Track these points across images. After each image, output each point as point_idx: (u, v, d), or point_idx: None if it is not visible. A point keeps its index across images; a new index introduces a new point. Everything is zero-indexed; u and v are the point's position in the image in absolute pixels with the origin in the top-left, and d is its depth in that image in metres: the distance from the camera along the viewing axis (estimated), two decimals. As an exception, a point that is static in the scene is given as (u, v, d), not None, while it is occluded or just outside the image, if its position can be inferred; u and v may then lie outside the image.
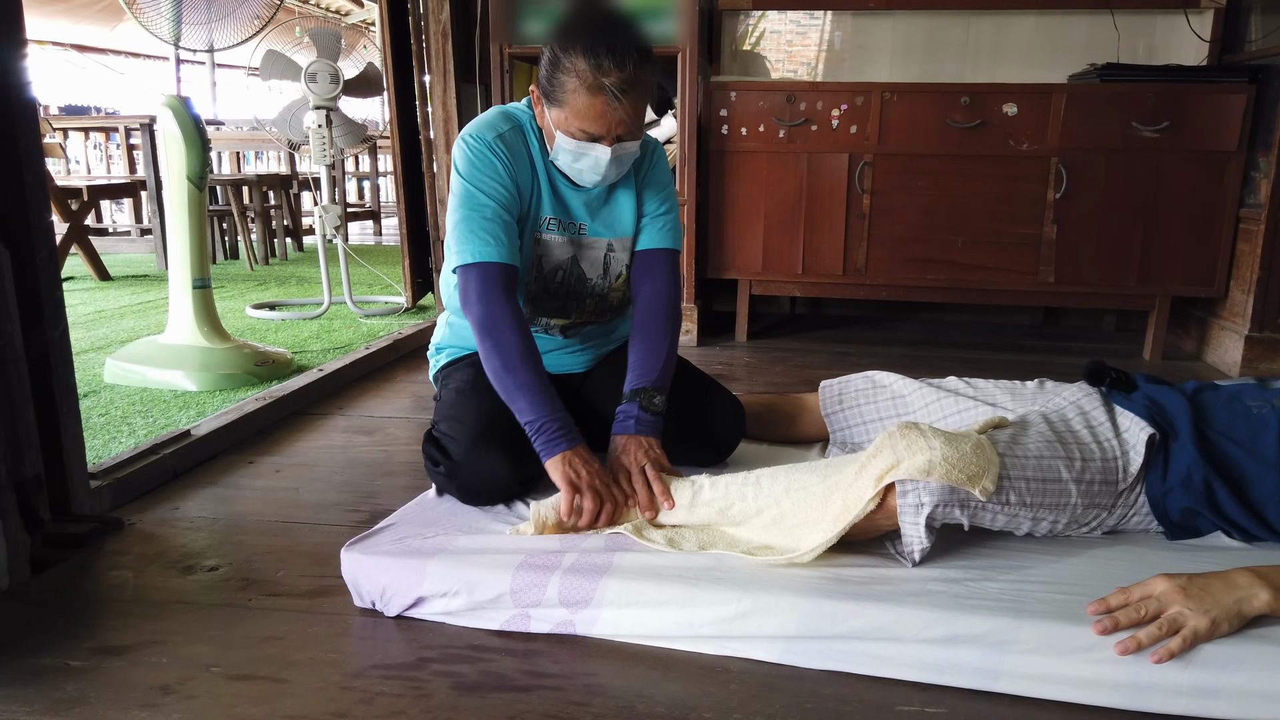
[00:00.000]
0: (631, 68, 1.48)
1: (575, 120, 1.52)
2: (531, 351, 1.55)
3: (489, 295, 1.55)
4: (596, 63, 1.46)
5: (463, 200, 1.59)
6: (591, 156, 1.56)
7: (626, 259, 1.76)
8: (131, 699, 1.16)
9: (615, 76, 1.47)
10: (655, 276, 1.73)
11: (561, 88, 1.50)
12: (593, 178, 1.60)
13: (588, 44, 1.47)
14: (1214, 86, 2.94)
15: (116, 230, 6.75)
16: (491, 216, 1.58)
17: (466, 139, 1.62)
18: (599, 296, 1.77)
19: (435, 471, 1.63)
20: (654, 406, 1.60)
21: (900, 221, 3.17)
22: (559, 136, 1.56)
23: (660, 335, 1.67)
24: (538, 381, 1.53)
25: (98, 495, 1.73)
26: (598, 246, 1.72)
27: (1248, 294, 2.90)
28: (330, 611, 1.38)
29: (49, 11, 7.73)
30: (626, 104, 1.50)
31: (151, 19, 2.68)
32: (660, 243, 1.74)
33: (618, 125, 1.52)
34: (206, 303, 2.77)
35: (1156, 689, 1.11)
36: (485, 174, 1.59)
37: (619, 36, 1.48)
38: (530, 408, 1.52)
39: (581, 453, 1.51)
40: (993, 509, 1.30)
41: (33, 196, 1.57)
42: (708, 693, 1.18)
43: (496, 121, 1.64)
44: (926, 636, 1.19)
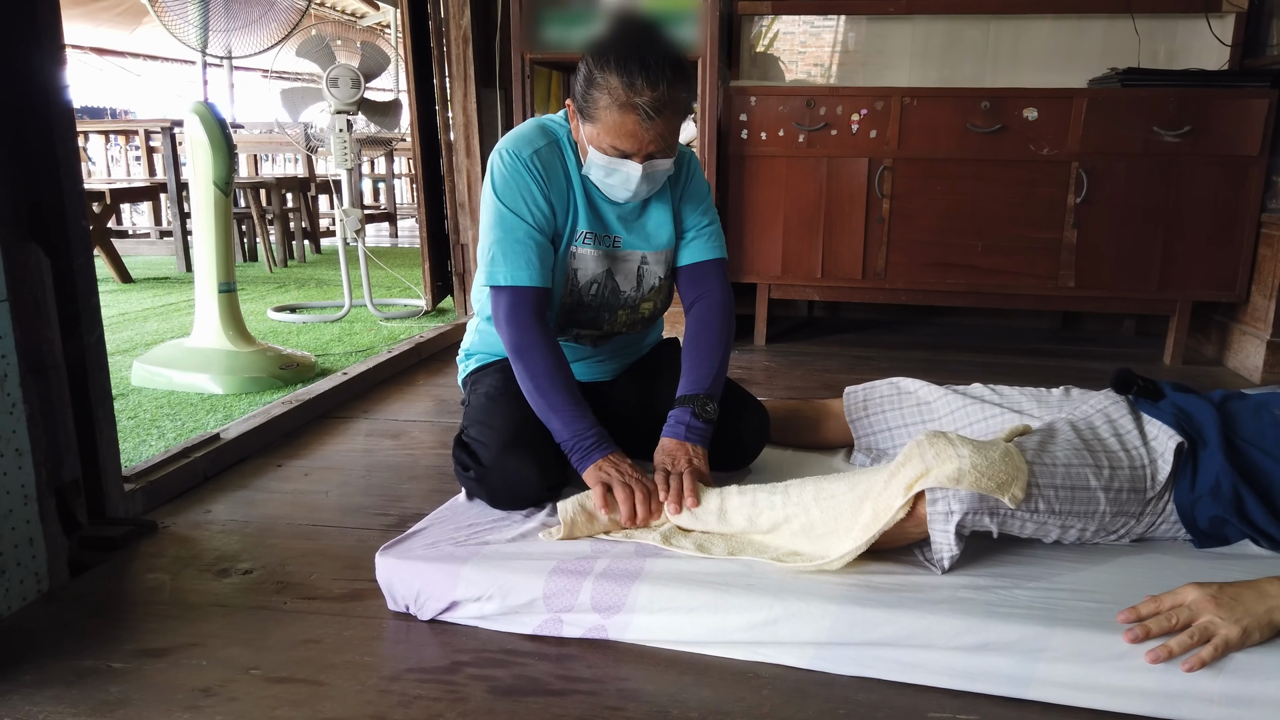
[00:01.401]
0: (665, 86, 1.46)
1: (607, 137, 1.51)
2: (562, 371, 1.58)
3: (519, 320, 1.58)
4: (629, 80, 1.45)
5: (496, 219, 1.61)
6: (623, 173, 1.55)
7: (661, 272, 1.75)
8: (174, 700, 1.18)
9: (648, 95, 1.46)
10: (709, 286, 1.74)
11: (594, 104, 1.50)
12: (624, 194, 1.59)
13: (621, 60, 1.46)
14: (1236, 91, 2.93)
15: (136, 232, 6.80)
16: (523, 238, 1.59)
17: (503, 154, 1.62)
18: (631, 308, 1.77)
19: (465, 476, 1.65)
20: (706, 414, 1.61)
21: (920, 226, 3.17)
22: (591, 151, 1.56)
23: (715, 342, 1.69)
24: (569, 401, 1.55)
25: (131, 499, 1.75)
26: (632, 259, 1.72)
27: (1269, 299, 2.89)
28: (364, 615, 1.40)
29: (69, 15, 7.78)
30: (659, 123, 1.49)
31: (179, 26, 2.70)
32: (710, 254, 1.75)
33: (649, 144, 1.51)
34: (232, 306, 2.80)
35: (1187, 697, 1.12)
36: (519, 194, 1.59)
37: (653, 53, 1.47)
38: (564, 427, 1.55)
39: (613, 458, 1.52)
40: (1022, 516, 1.31)
41: (70, 204, 1.59)
42: (740, 698, 1.19)
43: (533, 136, 1.63)
44: (958, 644, 1.20)
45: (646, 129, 1.49)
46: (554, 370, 1.57)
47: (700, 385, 1.65)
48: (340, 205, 3.85)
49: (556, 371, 1.57)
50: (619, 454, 1.54)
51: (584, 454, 1.53)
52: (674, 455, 1.57)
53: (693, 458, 1.56)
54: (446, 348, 3.34)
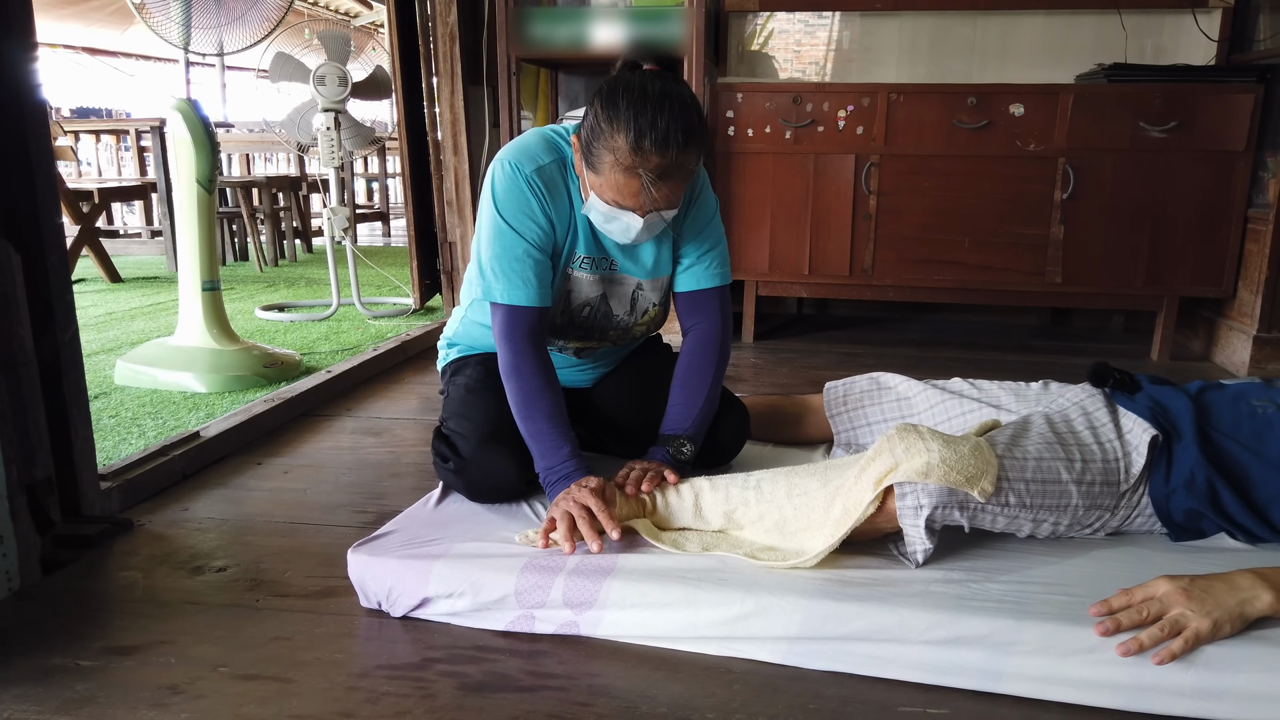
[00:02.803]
0: (674, 152, 1.39)
1: (609, 191, 1.45)
2: (550, 394, 1.55)
3: (514, 342, 1.56)
4: (637, 144, 1.38)
5: (495, 234, 1.56)
6: (622, 222, 1.49)
7: (655, 298, 1.72)
8: (140, 699, 1.17)
9: (655, 161, 1.39)
10: (705, 316, 1.70)
11: (598, 158, 1.43)
12: (623, 239, 1.53)
13: (630, 121, 1.38)
14: (1222, 86, 2.93)
15: (127, 232, 6.79)
16: (522, 255, 1.55)
17: (505, 165, 1.56)
18: (623, 330, 1.75)
19: (444, 468, 1.64)
20: (681, 455, 1.59)
21: (907, 222, 3.17)
22: (593, 195, 1.50)
23: (703, 380, 1.66)
24: (553, 429, 1.53)
25: (108, 496, 1.74)
26: (627, 284, 1.69)
27: (1256, 294, 2.89)
28: (337, 612, 1.39)
29: (61, 15, 7.78)
30: (664, 188, 1.43)
31: (161, 23, 2.69)
32: (708, 282, 1.69)
33: (650, 204, 1.45)
34: (216, 305, 2.79)
35: (1159, 690, 1.12)
36: (519, 210, 1.55)
37: (665, 115, 1.38)
38: (542, 457, 1.53)
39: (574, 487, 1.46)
40: (992, 510, 1.30)
41: (43, 200, 1.58)
42: (711, 693, 1.19)
43: (538, 152, 1.57)
44: (929, 638, 1.19)
45: (649, 192, 1.43)
46: (542, 395, 1.54)
47: (681, 426, 1.63)
48: (328, 204, 3.84)
49: (544, 396, 1.54)
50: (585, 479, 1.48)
51: (553, 484, 1.50)
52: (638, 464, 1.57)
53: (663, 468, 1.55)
54: (433, 346, 3.32)
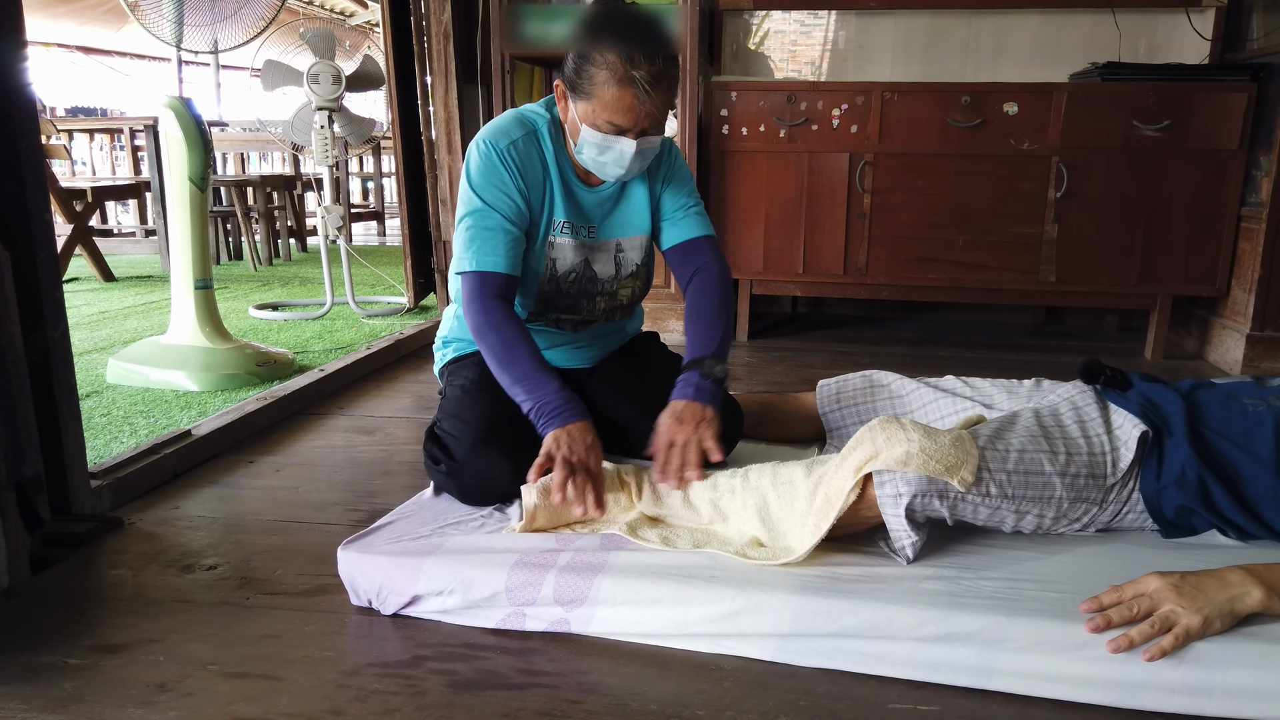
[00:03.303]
0: (661, 62, 1.50)
1: (603, 112, 1.52)
2: (524, 343, 1.57)
3: (483, 302, 1.58)
4: (628, 55, 1.47)
5: (469, 209, 1.62)
6: (616, 149, 1.56)
7: (637, 258, 1.78)
8: (128, 697, 1.17)
9: (645, 69, 1.48)
10: (704, 260, 1.75)
11: (591, 80, 1.51)
12: (616, 170, 1.60)
13: (618, 37, 1.49)
14: (1215, 85, 2.93)
15: (121, 231, 6.77)
16: (494, 226, 1.60)
17: (479, 144, 1.63)
18: (609, 295, 1.78)
19: (435, 470, 1.64)
20: (715, 374, 1.60)
21: (901, 221, 3.17)
22: (584, 130, 1.56)
23: (716, 309, 1.69)
24: (532, 369, 1.54)
25: (98, 495, 1.74)
26: (608, 247, 1.75)
27: (1249, 293, 2.89)
28: (327, 610, 1.39)
29: (55, 14, 7.75)
30: (656, 97, 1.51)
31: (153, 21, 2.68)
32: (699, 230, 1.77)
33: (645, 118, 1.53)
34: (208, 303, 2.78)
35: (1149, 687, 1.12)
36: (493, 184, 1.61)
37: (649, 31, 1.51)
38: (528, 395, 1.53)
39: (573, 429, 1.49)
40: (973, 501, 1.30)
41: (33, 197, 1.58)
42: (701, 690, 1.18)
43: (510, 128, 1.65)
44: (920, 634, 1.19)
45: (644, 103, 1.51)
46: (515, 343, 1.56)
47: (706, 349, 1.64)
48: (322, 203, 3.84)
49: (517, 344, 1.56)
50: (581, 425, 1.50)
51: (546, 419, 1.50)
52: (682, 418, 1.53)
53: (702, 421, 1.53)
54: (427, 344, 3.32)
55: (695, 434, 1.51)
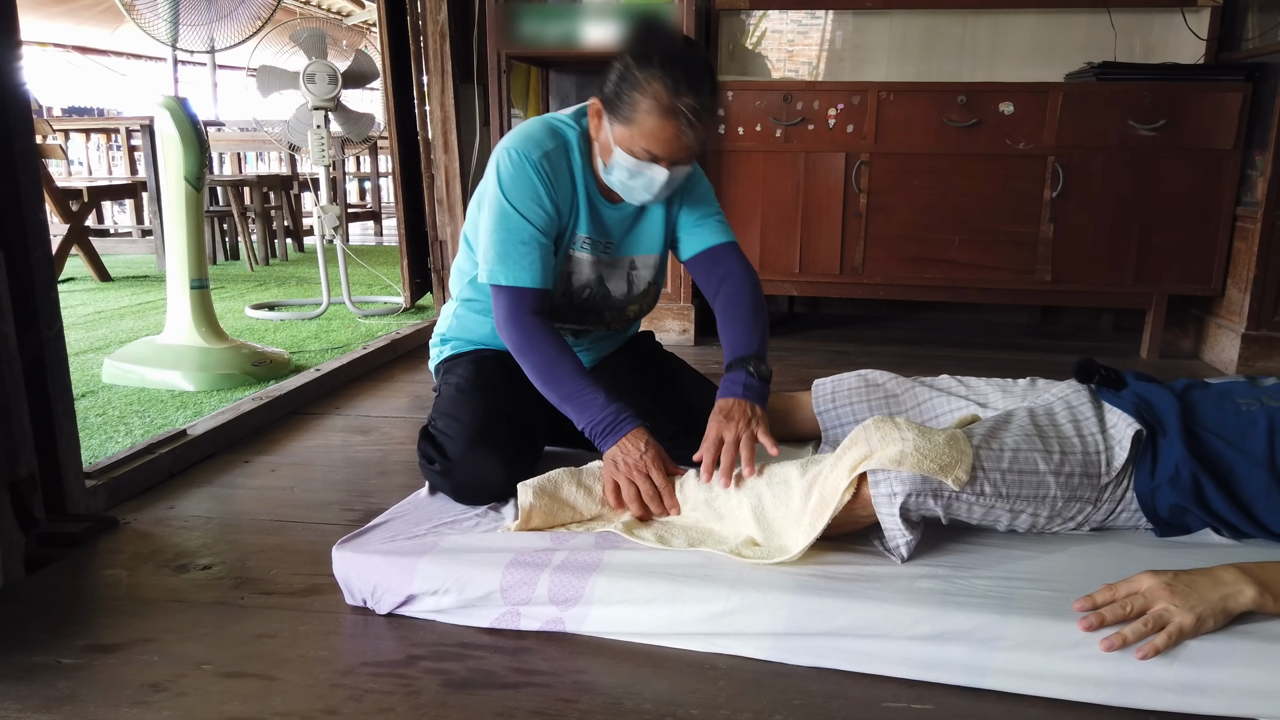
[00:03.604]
0: (707, 95, 1.47)
1: (642, 139, 1.49)
2: (567, 358, 1.56)
3: (519, 320, 1.57)
4: (674, 85, 1.44)
5: (501, 219, 1.58)
6: (648, 176, 1.53)
7: (649, 276, 1.77)
8: (122, 696, 1.17)
9: (691, 101, 1.44)
10: (731, 266, 1.72)
11: (633, 106, 1.47)
12: (644, 196, 1.58)
13: (665, 64, 1.44)
14: (1210, 85, 2.94)
15: (118, 231, 6.76)
16: (528, 239, 1.57)
17: (511, 153, 1.58)
18: (618, 310, 1.78)
19: (430, 469, 1.64)
20: (760, 372, 1.59)
21: (897, 221, 3.17)
22: (618, 152, 1.53)
23: (750, 312, 1.68)
24: (580, 386, 1.54)
25: (93, 495, 1.74)
26: (622, 264, 1.74)
27: (1244, 292, 2.90)
28: (322, 609, 1.39)
29: (51, 14, 7.75)
30: (698, 130, 1.48)
31: (149, 21, 2.68)
32: (720, 238, 1.74)
33: (683, 150, 1.50)
34: (204, 303, 2.78)
35: (1142, 685, 1.12)
36: (525, 195, 1.57)
37: (695, 61, 1.46)
38: (579, 415, 1.54)
39: (626, 443, 1.50)
40: (968, 499, 1.30)
41: (27, 197, 1.58)
42: (695, 689, 1.19)
43: (542, 138, 1.60)
44: (914, 633, 1.19)
45: (684, 135, 1.47)
46: (559, 361, 1.56)
47: (749, 348, 1.63)
48: (318, 202, 3.83)
49: (562, 361, 1.56)
50: (637, 432, 1.51)
51: (602, 435, 1.52)
52: (731, 415, 1.52)
53: (753, 420, 1.52)
54: (423, 344, 3.32)
55: (747, 430, 1.50)
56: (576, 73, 3.69)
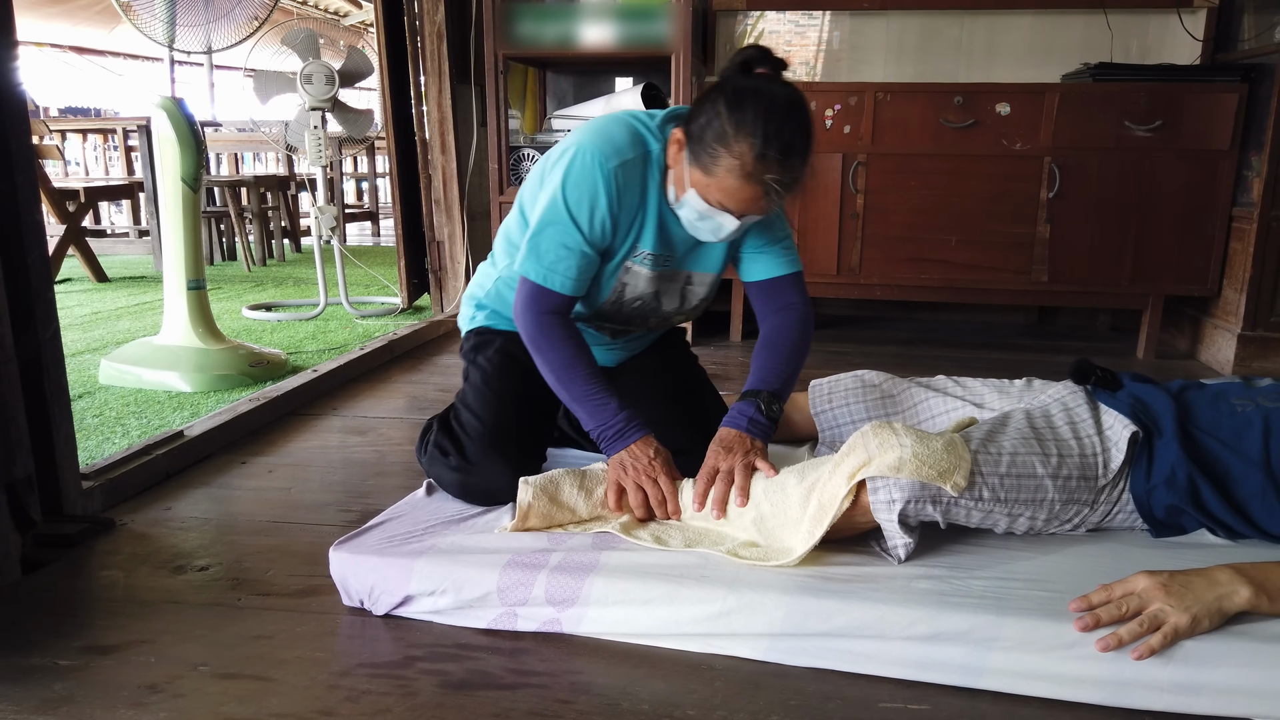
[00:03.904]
0: (796, 165, 1.38)
1: (717, 194, 1.42)
2: (582, 358, 1.55)
3: (536, 316, 1.54)
4: (762, 150, 1.35)
5: (554, 216, 1.52)
6: (716, 221, 1.47)
7: (702, 292, 1.71)
8: (119, 698, 1.17)
9: (777, 172, 1.37)
10: (792, 299, 1.67)
11: (714, 159, 1.39)
12: (709, 237, 1.53)
13: (757, 124, 1.35)
14: (1207, 86, 2.94)
15: (115, 232, 6.75)
16: (574, 247, 1.52)
17: (585, 154, 1.50)
18: (664, 319, 1.74)
19: (442, 461, 1.63)
20: (771, 412, 1.56)
21: (894, 221, 3.18)
22: (691, 193, 1.46)
23: (792, 348, 1.63)
24: (592, 389, 1.53)
25: (90, 496, 1.73)
26: (679, 278, 1.68)
27: (1240, 292, 2.91)
28: (319, 611, 1.39)
29: (48, 14, 7.74)
30: (778, 200, 1.42)
31: (146, 21, 2.68)
32: (786, 268, 1.67)
33: (759, 212, 1.45)
34: (201, 304, 2.78)
35: (1137, 685, 1.12)
36: (586, 202, 1.50)
37: (793, 122, 1.36)
38: (590, 418, 1.53)
39: (635, 448, 1.50)
40: (966, 505, 1.31)
41: (24, 198, 1.58)
42: (692, 690, 1.19)
43: (624, 145, 1.51)
44: (910, 634, 1.19)
45: (762, 202, 1.41)
46: (575, 361, 1.54)
47: (769, 383, 1.59)
48: (315, 203, 3.83)
49: (576, 361, 1.54)
50: (644, 440, 1.51)
51: (610, 440, 1.52)
52: (730, 446, 1.51)
53: (750, 451, 1.50)
54: (420, 345, 3.32)
55: (744, 459, 1.48)
56: (574, 73, 3.69)
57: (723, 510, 1.45)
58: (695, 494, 1.48)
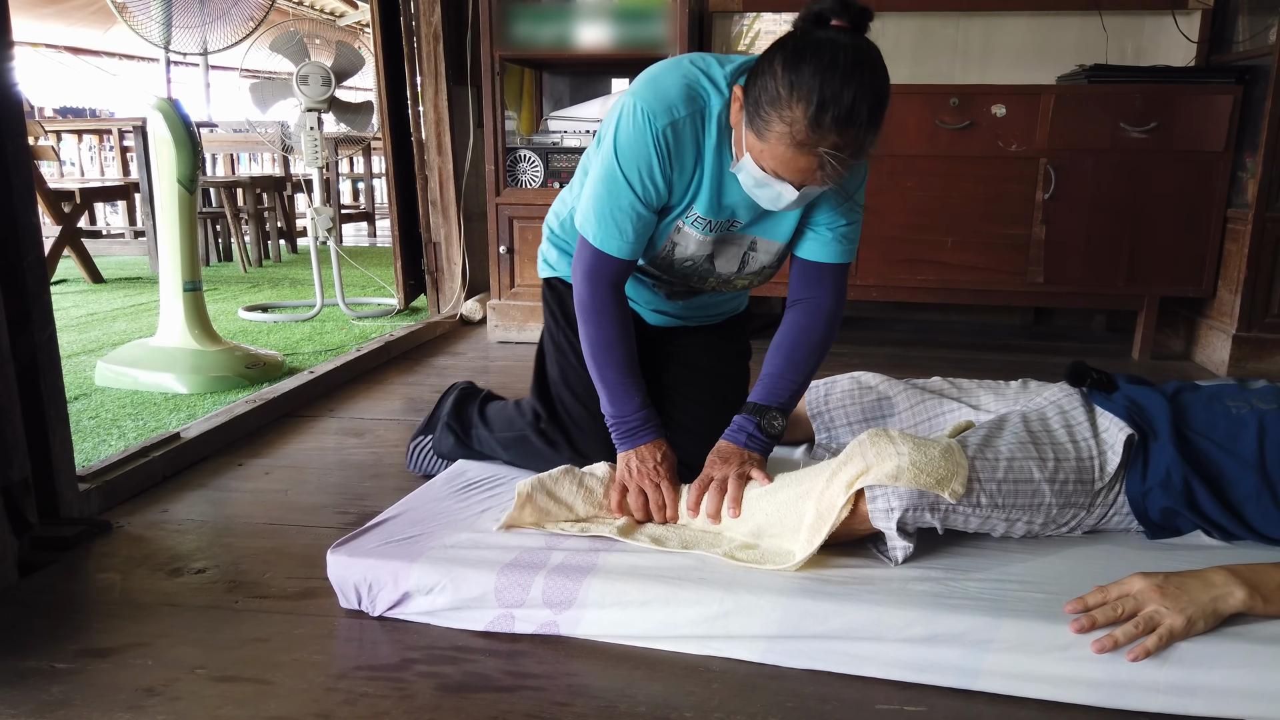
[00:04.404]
0: (857, 131, 1.24)
1: (770, 161, 1.30)
2: (623, 343, 1.53)
3: (594, 285, 1.52)
4: (818, 116, 1.22)
5: (607, 177, 1.46)
6: (774, 190, 1.35)
7: (766, 260, 1.60)
8: (116, 701, 1.16)
9: (833, 140, 1.24)
10: (823, 290, 1.57)
11: (767, 124, 1.27)
12: (770, 206, 1.41)
13: (816, 91, 1.21)
14: (1201, 87, 2.95)
15: (110, 233, 6.74)
16: (627, 207, 1.45)
17: (637, 110, 1.41)
18: (724, 281, 1.64)
19: (550, 453, 1.68)
20: (772, 429, 1.53)
21: (890, 222, 3.18)
22: (747, 159, 1.35)
23: (808, 356, 1.56)
24: (619, 379, 1.53)
25: (86, 498, 1.73)
26: (741, 242, 1.57)
27: (1235, 294, 2.91)
28: (316, 613, 1.39)
29: (42, 14, 7.72)
30: (837, 169, 1.28)
31: (141, 22, 2.68)
32: (835, 256, 1.55)
33: (817, 182, 1.32)
34: (197, 305, 2.77)
35: (1133, 687, 1.12)
36: (638, 162, 1.43)
37: (854, 87, 1.22)
38: (611, 405, 1.54)
39: (644, 450, 1.51)
40: (964, 511, 1.31)
41: (20, 200, 1.57)
42: (689, 692, 1.19)
43: (676, 101, 1.40)
44: (906, 636, 1.19)
45: (819, 175, 1.29)
46: (615, 343, 1.52)
47: (775, 398, 1.54)
48: (311, 204, 3.83)
49: (617, 344, 1.53)
50: (654, 443, 1.51)
51: (622, 437, 1.53)
52: (727, 458, 1.50)
53: (745, 462, 1.49)
54: (417, 346, 3.32)
55: (738, 471, 1.47)
56: (571, 74, 3.69)
57: (716, 519, 1.46)
58: (689, 501, 1.49)
